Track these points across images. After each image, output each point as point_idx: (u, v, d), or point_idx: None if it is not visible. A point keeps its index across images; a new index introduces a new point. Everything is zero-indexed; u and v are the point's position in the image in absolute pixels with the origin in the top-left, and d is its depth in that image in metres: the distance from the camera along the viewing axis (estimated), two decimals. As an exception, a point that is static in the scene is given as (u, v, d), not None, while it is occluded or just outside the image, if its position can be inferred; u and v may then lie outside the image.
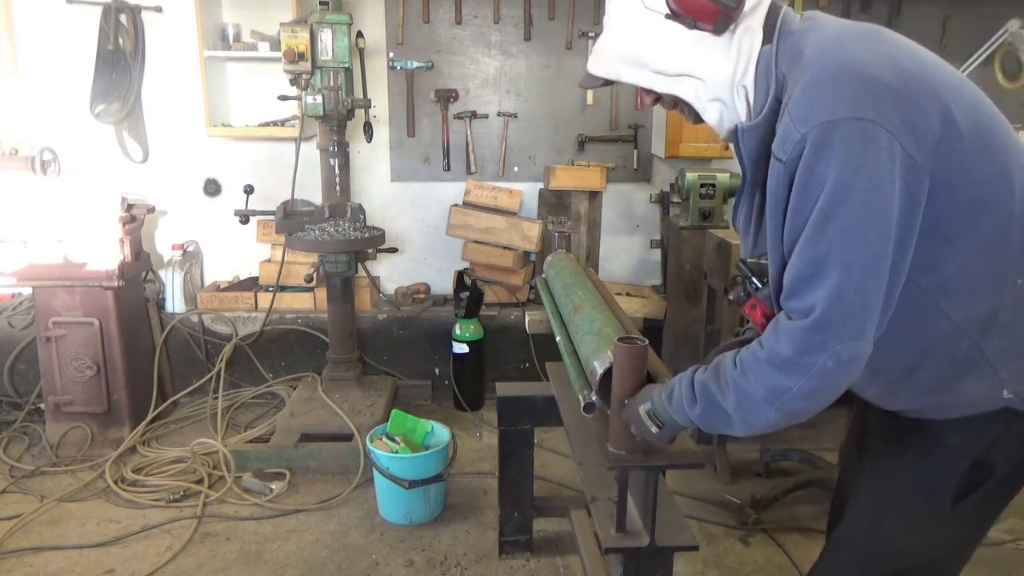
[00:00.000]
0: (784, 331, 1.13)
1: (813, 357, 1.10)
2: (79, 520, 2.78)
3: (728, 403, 1.19)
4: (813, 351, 1.10)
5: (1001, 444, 1.24)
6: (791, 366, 1.11)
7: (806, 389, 1.12)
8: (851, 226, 1.07)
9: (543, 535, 2.69)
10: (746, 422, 1.19)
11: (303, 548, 2.63)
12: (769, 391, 1.14)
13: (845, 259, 1.08)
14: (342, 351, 3.50)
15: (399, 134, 3.98)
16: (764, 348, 1.16)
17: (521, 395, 2.46)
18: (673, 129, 3.73)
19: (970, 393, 1.23)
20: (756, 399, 1.15)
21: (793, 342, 1.11)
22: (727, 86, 1.22)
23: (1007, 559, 2.61)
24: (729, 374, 1.19)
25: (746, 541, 2.68)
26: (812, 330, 1.10)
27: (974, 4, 3.79)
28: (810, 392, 1.12)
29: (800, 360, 1.11)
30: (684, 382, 1.28)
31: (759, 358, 1.15)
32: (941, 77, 1.16)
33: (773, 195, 1.17)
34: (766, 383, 1.14)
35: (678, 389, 1.28)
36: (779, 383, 1.13)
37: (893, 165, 1.07)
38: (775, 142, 1.15)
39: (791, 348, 1.11)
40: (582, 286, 2.02)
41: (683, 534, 1.58)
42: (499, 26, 3.89)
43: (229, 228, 3.81)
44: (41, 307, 3.27)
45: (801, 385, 1.11)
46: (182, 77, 3.77)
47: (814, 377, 1.11)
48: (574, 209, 3.88)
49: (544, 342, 3.15)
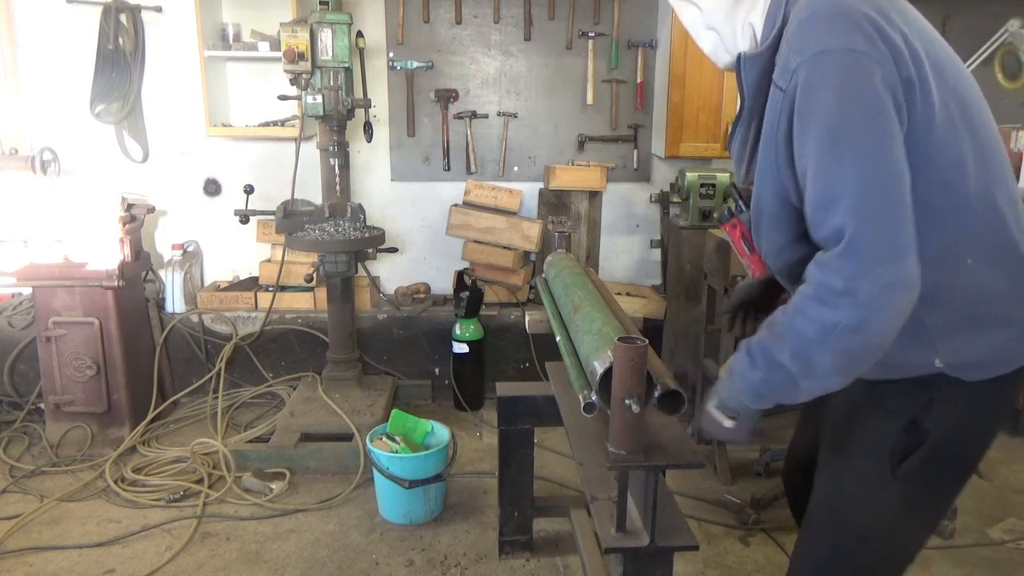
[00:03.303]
0: (822, 262, 1.13)
1: (855, 283, 1.08)
2: (79, 520, 2.78)
3: (785, 355, 1.17)
4: (854, 277, 1.08)
5: (935, 409, 1.27)
6: (835, 296, 1.10)
7: (854, 321, 1.10)
8: (857, 146, 1.09)
9: (543, 535, 2.69)
10: (807, 374, 1.16)
11: (303, 548, 2.63)
12: (819, 328, 1.12)
13: (858, 178, 1.08)
14: (342, 351, 3.50)
15: (399, 134, 3.98)
16: (809, 284, 1.15)
17: (521, 395, 2.46)
18: (673, 129, 3.73)
19: (906, 356, 1.24)
20: (810, 341, 1.14)
21: (832, 270, 1.11)
22: (722, 16, 1.28)
23: (1007, 559, 2.61)
24: (781, 322, 1.20)
25: (746, 541, 2.68)
26: (846, 254, 1.09)
27: (974, 4, 3.79)
28: (859, 324, 1.10)
29: (844, 289, 1.09)
30: (740, 352, 1.27)
31: (805, 295, 1.15)
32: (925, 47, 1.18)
33: (770, 123, 1.20)
34: (815, 320, 1.13)
35: (737, 363, 1.27)
36: (827, 318, 1.11)
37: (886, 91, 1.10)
38: (776, 71, 1.19)
39: (831, 277, 1.11)
40: (582, 286, 2.02)
41: (683, 534, 1.58)
42: (499, 26, 3.89)
43: (229, 228, 3.82)
44: (41, 307, 3.27)
45: (848, 317, 1.10)
46: (182, 77, 3.77)
47: (861, 307, 1.09)
48: (574, 209, 3.89)
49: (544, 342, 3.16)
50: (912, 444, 1.29)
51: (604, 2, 3.87)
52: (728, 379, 1.30)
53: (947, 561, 2.58)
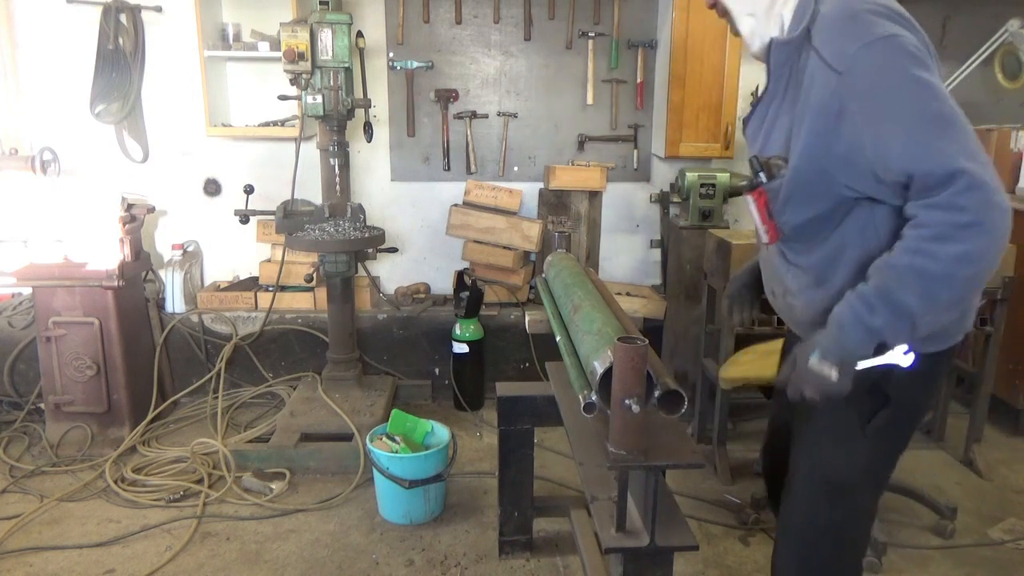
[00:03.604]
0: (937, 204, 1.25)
1: (983, 214, 1.22)
2: (79, 520, 2.78)
3: (910, 295, 1.28)
4: (981, 209, 1.22)
5: (893, 377, 1.43)
6: (961, 230, 1.23)
7: (983, 247, 1.24)
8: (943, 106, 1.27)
9: (543, 535, 2.69)
10: (931, 309, 1.29)
11: (303, 548, 2.63)
12: (948, 262, 1.24)
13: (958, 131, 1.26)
14: (342, 351, 3.50)
15: (399, 134, 3.98)
16: (923, 228, 1.27)
17: (521, 395, 2.46)
18: (673, 129, 3.73)
19: None
20: (938, 276, 1.26)
21: (955, 208, 1.23)
22: (762, 5, 1.46)
23: (1007, 559, 2.61)
24: (897, 266, 1.30)
25: (746, 541, 2.68)
26: (971, 190, 1.22)
27: (974, 4, 3.79)
28: (986, 249, 1.24)
29: (972, 220, 1.22)
30: (849, 302, 1.35)
31: (922, 236, 1.27)
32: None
33: (820, 101, 1.35)
34: (942, 256, 1.24)
35: (850, 313, 1.35)
36: (957, 250, 1.24)
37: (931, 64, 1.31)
38: (829, 54, 1.33)
39: (955, 214, 1.23)
40: (582, 286, 2.02)
41: (683, 534, 1.58)
42: (499, 26, 3.89)
43: (229, 228, 3.82)
44: (41, 307, 3.27)
45: (978, 245, 1.23)
46: (182, 77, 3.77)
47: (988, 233, 1.23)
48: (574, 209, 3.89)
49: (544, 342, 3.16)
50: (876, 406, 1.50)
51: (604, 2, 3.87)
52: (837, 331, 1.36)
53: (947, 561, 2.58)
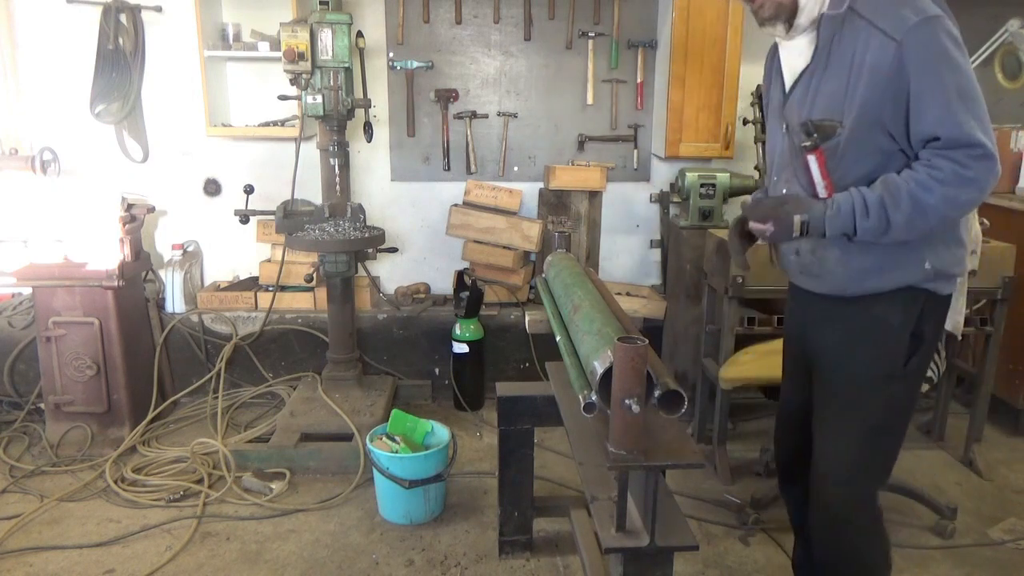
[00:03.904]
0: (955, 158, 1.56)
1: (985, 177, 1.57)
2: (79, 520, 2.78)
3: (899, 215, 1.60)
4: (986, 173, 1.57)
5: (924, 318, 1.75)
6: (964, 181, 1.56)
7: (971, 198, 1.60)
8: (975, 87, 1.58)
9: (543, 535, 2.69)
10: (904, 230, 1.62)
11: (303, 548, 2.63)
12: (941, 200, 1.58)
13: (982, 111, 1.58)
14: (342, 351, 3.50)
15: (399, 134, 3.98)
16: (944, 170, 1.56)
17: (521, 395, 2.46)
18: (673, 129, 3.73)
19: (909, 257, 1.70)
20: (929, 208, 1.59)
21: (967, 166, 1.56)
22: None
23: (1007, 559, 2.61)
24: (903, 190, 1.59)
25: (746, 541, 2.68)
26: (983, 158, 1.56)
27: (974, 4, 3.79)
28: (971, 201, 1.62)
29: (973, 177, 1.56)
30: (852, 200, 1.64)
31: (933, 177, 1.57)
32: None
33: (877, 64, 1.60)
34: (941, 195, 1.57)
35: (847, 207, 1.64)
36: (952, 194, 1.58)
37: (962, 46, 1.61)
38: (887, 26, 1.58)
39: (965, 170, 1.56)
40: (582, 286, 2.02)
41: (683, 534, 1.58)
42: (499, 26, 3.89)
43: (229, 228, 3.82)
44: (41, 307, 3.27)
45: (968, 195, 1.59)
46: (182, 77, 3.77)
47: (979, 190, 1.59)
48: (574, 209, 3.89)
49: (544, 342, 3.16)
50: (914, 347, 1.75)
51: (604, 2, 3.87)
52: (833, 213, 1.65)
53: (947, 561, 2.58)
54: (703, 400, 3.36)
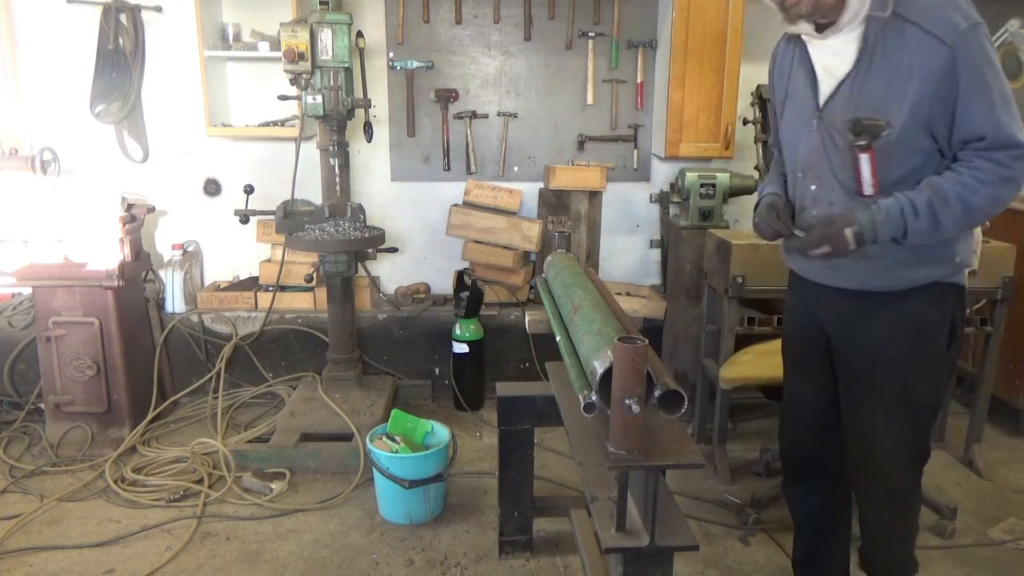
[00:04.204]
0: (997, 160, 1.65)
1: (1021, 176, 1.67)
2: (79, 520, 2.78)
3: (948, 216, 1.68)
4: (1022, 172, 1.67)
5: (957, 313, 1.88)
6: (1005, 181, 1.66)
7: (1009, 196, 1.69)
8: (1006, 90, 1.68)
9: (543, 535, 2.69)
10: (956, 228, 1.73)
11: (303, 548, 2.63)
12: (986, 199, 1.67)
13: (1014, 111, 1.66)
14: (342, 351, 3.50)
15: (399, 134, 3.98)
16: (986, 171, 1.65)
17: (521, 395, 2.46)
18: (673, 129, 3.73)
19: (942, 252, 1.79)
20: (975, 208, 1.68)
21: (1008, 167, 1.65)
22: None
23: (1007, 559, 2.61)
24: (951, 192, 1.67)
25: (746, 541, 2.68)
26: (1021, 157, 1.65)
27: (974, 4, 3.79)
28: (1008, 198, 1.69)
29: (1012, 176, 1.66)
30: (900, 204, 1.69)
31: (977, 179, 1.66)
32: None
33: (927, 65, 1.65)
34: (986, 195, 1.66)
35: (897, 210, 1.69)
36: (996, 192, 1.67)
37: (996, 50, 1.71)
38: (938, 30, 1.64)
39: (1006, 170, 1.65)
40: (582, 286, 2.02)
41: (683, 534, 1.58)
42: (499, 26, 3.89)
43: (229, 228, 3.82)
44: (41, 307, 3.27)
45: (1008, 193, 1.68)
46: (182, 77, 3.77)
47: (1016, 188, 1.67)
48: (574, 209, 3.89)
49: (544, 342, 3.16)
50: (951, 336, 1.88)
51: (604, 2, 3.87)
52: (883, 218, 1.70)
53: (947, 561, 2.58)
54: (703, 400, 3.36)
